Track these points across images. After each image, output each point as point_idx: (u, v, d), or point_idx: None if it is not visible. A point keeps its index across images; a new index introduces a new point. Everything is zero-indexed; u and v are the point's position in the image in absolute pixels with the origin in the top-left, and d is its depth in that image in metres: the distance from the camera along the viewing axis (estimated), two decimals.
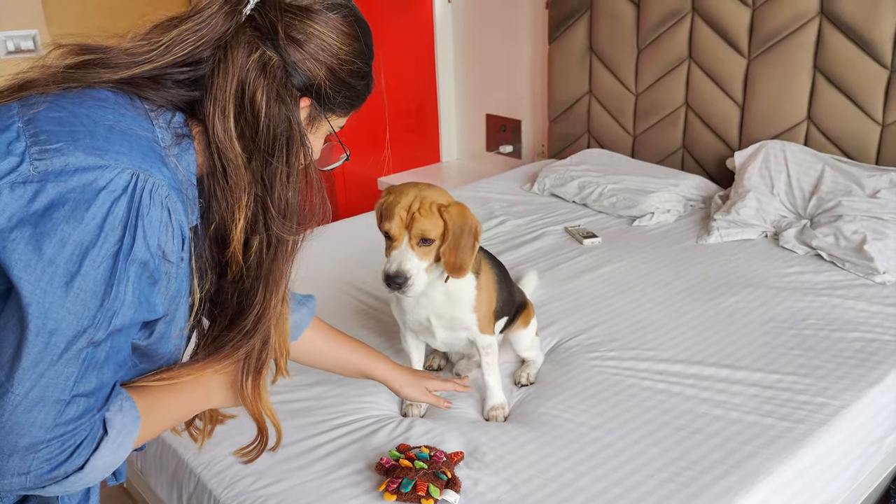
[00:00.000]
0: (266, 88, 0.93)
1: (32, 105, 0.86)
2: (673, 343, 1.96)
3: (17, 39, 3.24)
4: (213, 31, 0.93)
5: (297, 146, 0.96)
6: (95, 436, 0.87)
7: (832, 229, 2.41)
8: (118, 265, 0.82)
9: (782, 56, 2.78)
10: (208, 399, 1.10)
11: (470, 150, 4.29)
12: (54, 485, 0.86)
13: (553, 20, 3.49)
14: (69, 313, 0.80)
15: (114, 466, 0.91)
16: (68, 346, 0.81)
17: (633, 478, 1.47)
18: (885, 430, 1.79)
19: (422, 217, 1.53)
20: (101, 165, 0.81)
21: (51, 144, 0.81)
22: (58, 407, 0.82)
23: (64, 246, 0.79)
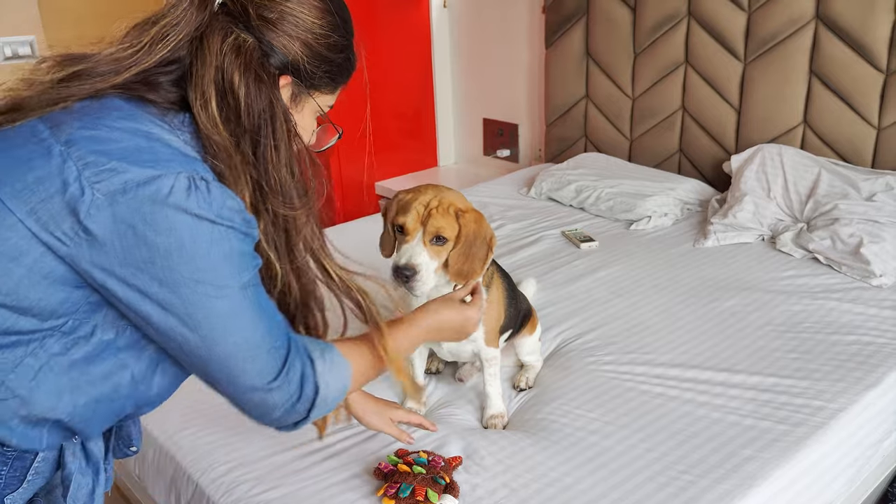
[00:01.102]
0: (243, 70, 0.94)
1: (61, 125, 0.88)
2: (670, 346, 1.96)
3: (14, 45, 3.24)
4: (190, 23, 0.95)
5: (281, 124, 0.98)
6: (306, 362, 0.99)
7: (829, 232, 2.41)
8: (218, 235, 0.88)
9: (778, 60, 2.79)
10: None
11: (467, 154, 4.30)
12: (310, 411, 1.00)
13: (550, 25, 3.50)
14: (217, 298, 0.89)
15: (339, 394, 1.03)
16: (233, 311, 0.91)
17: (631, 482, 1.47)
18: (882, 433, 1.79)
19: (438, 215, 1.54)
20: (158, 175, 0.85)
21: (103, 165, 0.84)
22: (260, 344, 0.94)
23: (170, 255, 0.86)
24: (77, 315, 0.90)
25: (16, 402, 0.89)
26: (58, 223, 0.84)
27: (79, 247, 0.85)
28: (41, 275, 0.86)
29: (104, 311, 0.91)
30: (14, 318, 0.87)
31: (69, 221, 0.84)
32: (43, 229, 0.85)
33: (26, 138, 0.88)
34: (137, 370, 0.97)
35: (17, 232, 0.85)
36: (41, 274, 0.86)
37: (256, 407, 0.98)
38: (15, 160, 0.87)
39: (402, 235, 1.55)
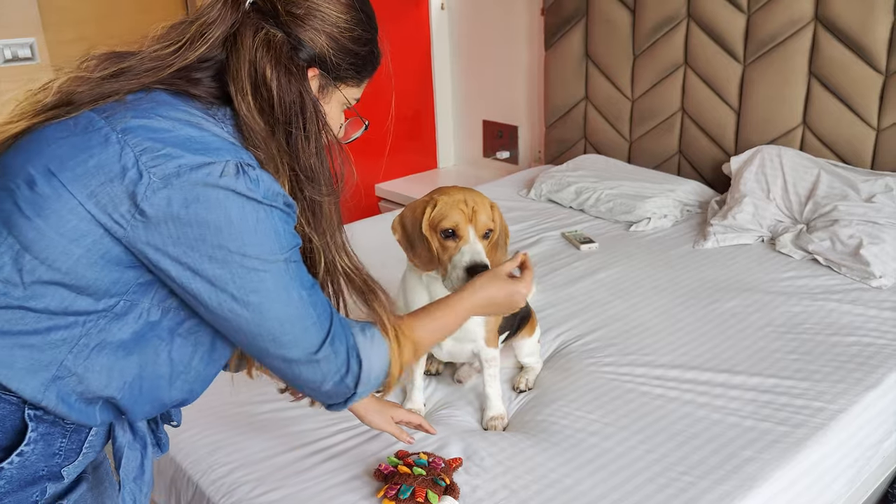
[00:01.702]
0: (274, 63, 1.00)
1: (115, 115, 0.94)
2: (670, 348, 1.96)
3: (14, 48, 3.24)
4: (225, 21, 1.01)
5: (311, 114, 1.03)
6: (349, 335, 1.05)
7: (828, 234, 2.42)
8: (265, 215, 0.94)
9: (777, 61, 2.79)
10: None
11: (467, 156, 4.30)
12: (357, 386, 1.05)
13: (549, 26, 3.50)
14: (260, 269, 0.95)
15: (381, 371, 1.08)
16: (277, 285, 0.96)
17: (631, 483, 1.47)
18: (882, 434, 1.79)
19: (482, 211, 1.57)
20: (209, 161, 0.91)
21: (158, 151, 0.90)
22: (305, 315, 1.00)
23: (220, 231, 0.91)
24: (128, 296, 0.95)
25: (73, 380, 0.94)
26: (116, 206, 0.89)
27: (135, 228, 0.90)
28: (98, 255, 0.91)
29: (153, 293, 0.97)
30: (72, 297, 0.92)
31: (127, 204, 0.89)
32: (102, 212, 0.90)
33: (84, 127, 0.93)
34: (176, 354, 1.02)
35: (78, 214, 0.90)
36: (98, 254, 0.91)
37: (307, 381, 1.04)
38: (75, 148, 0.91)
39: (454, 239, 1.55)
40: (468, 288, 1.29)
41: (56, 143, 0.92)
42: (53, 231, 0.90)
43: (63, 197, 0.90)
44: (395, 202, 3.94)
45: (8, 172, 0.93)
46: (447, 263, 1.55)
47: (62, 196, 0.90)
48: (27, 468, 0.94)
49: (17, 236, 0.90)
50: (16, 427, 0.94)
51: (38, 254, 0.90)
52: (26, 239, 0.90)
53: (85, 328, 0.93)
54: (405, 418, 1.51)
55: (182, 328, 1.01)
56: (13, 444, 0.94)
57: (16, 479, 0.94)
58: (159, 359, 1.00)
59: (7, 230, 0.91)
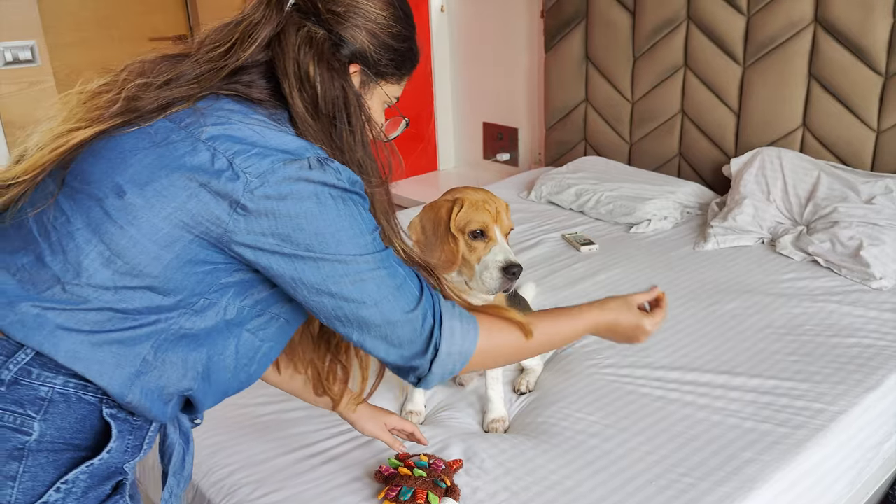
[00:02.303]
0: (317, 61, 1.03)
1: (193, 125, 0.97)
2: (670, 350, 1.96)
3: (14, 50, 3.24)
4: (270, 21, 1.05)
5: (354, 109, 1.06)
6: (436, 303, 1.06)
7: (828, 235, 2.42)
8: (353, 204, 1.00)
9: (777, 63, 2.79)
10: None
11: (467, 158, 4.30)
12: (435, 364, 1.05)
13: (549, 29, 3.50)
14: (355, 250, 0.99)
15: (454, 367, 1.08)
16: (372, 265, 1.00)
17: (632, 484, 1.47)
18: (882, 436, 1.79)
19: (505, 212, 1.61)
20: (295, 158, 0.96)
21: (248, 153, 0.94)
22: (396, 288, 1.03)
23: (315, 220, 0.96)
24: (208, 295, 0.99)
25: (155, 375, 0.98)
26: (213, 209, 0.93)
27: (236, 223, 0.94)
28: (187, 258, 0.95)
29: (231, 293, 1.00)
30: (159, 298, 0.96)
31: (225, 205, 0.93)
32: (197, 217, 0.93)
33: (165, 137, 0.96)
34: (243, 347, 1.05)
35: (171, 222, 0.93)
36: (188, 258, 0.95)
37: (400, 339, 1.04)
38: (163, 158, 0.95)
39: (483, 239, 1.58)
40: (597, 305, 1.25)
41: (142, 153, 0.95)
42: (147, 239, 0.93)
43: (156, 206, 0.93)
44: (396, 204, 3.93)
45: (91, 180, 0.96)
46: (475, 264, 1.58)
47: (154, 206, 0.93)
48: (107, 464, 0.98)
49: (107, 243, 0.93)
50: (94, 427, 0.98)
51: (129, 260, 0.93)
52: (118, 246, 0.93)
53: (167, 324, 0.97)
54: (398, 426, 1.51)
55: (251, 325, 1.05)
56: (95, 443, 0.98)
57: (97, 475, 0.98)
58: (227, 351, 1.03)
59: (98, 237, 0.93)
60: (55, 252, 0.94)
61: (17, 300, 0.93)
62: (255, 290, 1.03)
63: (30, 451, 0.94)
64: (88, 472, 0.97)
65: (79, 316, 0.93)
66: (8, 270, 0.94)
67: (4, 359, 0.92)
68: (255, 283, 1.02)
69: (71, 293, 0.93)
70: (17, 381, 0.92)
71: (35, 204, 0.98)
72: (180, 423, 1.15)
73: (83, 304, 0.93)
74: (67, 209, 0.95)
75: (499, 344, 1.14)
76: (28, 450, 0.93)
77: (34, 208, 0.97)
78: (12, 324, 0.92)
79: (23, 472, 0.93)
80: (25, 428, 0.93)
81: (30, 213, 0.97)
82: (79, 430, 0.97)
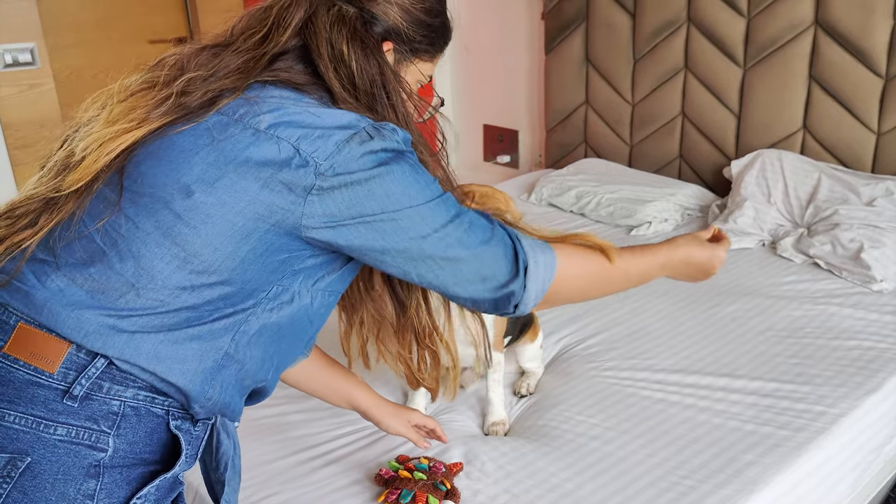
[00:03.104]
0: (350, 39, 1.02)
1: (248, 115, 0.96)
2: (671, 352, 1.96)
3: (14, 52, 3.25)
4: (301, 4, 1.04)
5: (392, 86, 1.05)
6: (507, 229, 1.06)
7: (829, 238, 2.42)
8: (412, 159, 1.00)
9: (778, 65, 2.79)
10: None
11: (467, 160, 4.30)
12: (529, 280, 1.04)
13: (549, 31, 3.50)
14: (427, 208, 0.99)
15: (545, 283, 1.06)
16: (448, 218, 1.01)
17: (632, 487, 1.47)
18: (883, 439, 1.79)
19: (512, 203, 1.63)
20: (354, 131, 0.96)
21: (311, 136, 0.94)
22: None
23: (385, 183, 0.96)
24: (281, 282, 0.99)
25: (235, 368, 0.99)
26: (285, 196, 0.93)
27: (311, 205, 0.94)
28: (262, 249, 0.95)
29: (303, 278, 1.01)
30: (235, 291, 0.96)
31: (298, 192, 0.93)
32: (270, 207, 0.94)
33: (222, 131, 0.96)
34: (314, 331, 1.08)
35: (245, 215, 0.93)
36: (262, 248, 0.95)
37: (486, 279, 1.03)
38: (225, 153, 0.94)
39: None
40: (666, 243, 1.23)
41: (204, 151, 0.95)
42: (221, 236, 0.93)
43: (228, 203, 0.93)
44: None
45: (155, 183, 0.95)
46: None
47: (227, 202, 0.93)
48: (172, 476, 0.99)
49: (181, 245, 0.93)
50: (161, 440, 0.98)
51: (205, 258, 0.93)
52: (192, 246, 0.93)
53: (244, 315, 0.97)
54: (421, 422, 1.50)
55: (316, 304, 1.05)
56: (161, 457, 0.99)
57: (164, 488, 0.98)
58: (302, 336, 1.06)
59: (170, 240, 0.93)
60: (124, 259, 0.93)
61: (89, 311, 0.91)
62: (325, 272, 1.03)
63: (105, 468, 0.93)
64: (158, 485, 0.97)
65: (156, 320, 0.93)
66: (76, 282, 0.93)
67: (76, 374, 0.91)
68: (325, 265, 1.03)
69: (147, 297, 0.92)
70: (89, 396, 0.92)
71: (95, 214, 0.96)
72: (229, 429, 1.14)
73: (160, 308, 0.93)
74: (133, 215, 0.94)
75: (580, 263, 1.12)
76: (104, 466, 0.93)
77: (97, 219, 0.95)
78: (88, 334, 0.91)
79: (100, 490, 0.93)
80: (101, 444, 0.92)
81: (93, 226, 0.95)
82: (148, 443, 0.96)
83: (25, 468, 0.89)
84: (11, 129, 3.29)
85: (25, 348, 0.91)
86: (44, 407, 0.91)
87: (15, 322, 0.92)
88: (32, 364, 0.91)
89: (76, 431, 0.91)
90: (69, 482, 0.91)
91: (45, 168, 1.02)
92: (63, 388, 0.91)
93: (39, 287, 0.93)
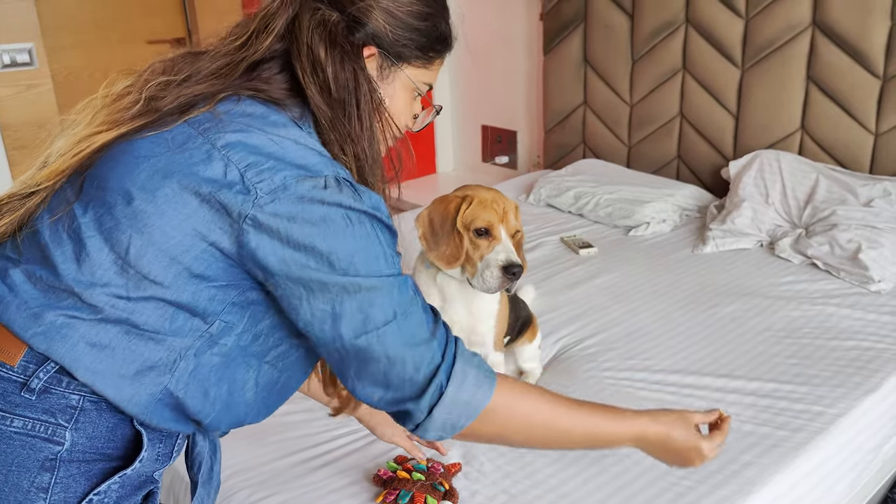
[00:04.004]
0: (329, 44, 0.98)
1: (211, 130, 0.93)
2: (669, 353, 1.96)
3: (12, 53, 3.24)
4: (286, 11, 1.01)
5: (365, 95, 1.01)
6: (449, 345, 0.97)
7: (827, 238, 2.42)
8: (371, 228, 0.94)
9: (776, 66, 2.80)
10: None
11: (466, 161, 4.30)
12: (437, 408, 0.95)
13: (548, 32, 3.51)
14: (368, 272, 0.92)
15: (461, 418, 0.97)
16: (383, 286, 0.93)
17: (631, 488, 1.47)
18: (881, 439, 1.79)
19: (512, 213, 1.61)
20: (311, 175, 0.91)
21: (262, 165, 0.90)
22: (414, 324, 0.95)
23: (327, 238, 0.90)
24: (223, 316, 0.95)
25: (172, 403, 0.95)
26: (223, 220, 0.90)
27: (245, 237, 0.89)
28: (200, 269, 0.91)
29: (247, 316, 0.96)
30: (171, 312, 0.92)
31: (234, 217, 0.89)
32: (208, 226, 0.90)
33: (181, 143, 0.93)
34: (263, 379, 1.02)
35: (182, 230, 0.90)
36: (200, 269, 0.91)
37: (390, 386, 0.95)
38: (175, 164, 0.91)
39: (487, 238, 1.58)
40: (648, 413, 1.12)
41: (155, 159, 0.92)
42: (157, 247, 0.90)
43: (167, 213, 0.90)
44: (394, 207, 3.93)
45: (106, 186, 0.93)
46: (477, 262, 1.58)
47: (166, 213, 0.90)
48: (139, 473, 0.98)
49: (118, 252, 0.90)
50: (125, 435, 0.97)
51: (141, 268, 0.90)
52: (129, 255, 0.90)
53: (183, 350, 0.93)
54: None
55: (270, 356, 1.01)
56: (126, 452, 0.97)
57: (129, 485, 0.97)
58: (247, 385, 1.00)
59: (109, 245, 0.91)
60: (68, 260, 0.91)
61: (42, 310, 0.90)
62: (271, 314, 0.98)
63: (62, 462, 0.92)
64: (120, 481, 0.95)
65: (98, 328, 0.91)
66: (30, 280, 0.92)
67: (35, 367, 0.91)
68: (271, 307, 0.97)
69: (87, 302, 0.90)
70: (47, 389, 0.91)
71: (52, 211, 0.95)
72: (208, 436, 1.13)
73: (99, 314, 0.90)
74: (80, 216, 0.92)
75: (522, 408, 1.01)
76: (60, 460, 0.92)
77: (51, 216, 0.94)
78: (36, 335, 0.90)
79: (55, 484, 0.92)
80: (57, 437, 0.92)
81: (47, 221, 0.94)
82: (110, 439, 0.95)
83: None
84: (9, 129, 3.29)
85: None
86: (2, 399, 0.90)
87: None
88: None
89: (32, 424, 0.91)
90: (23, 474, 0.91)
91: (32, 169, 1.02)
92: (22, 381, 0.91)
93: (1, 283, 0.93)
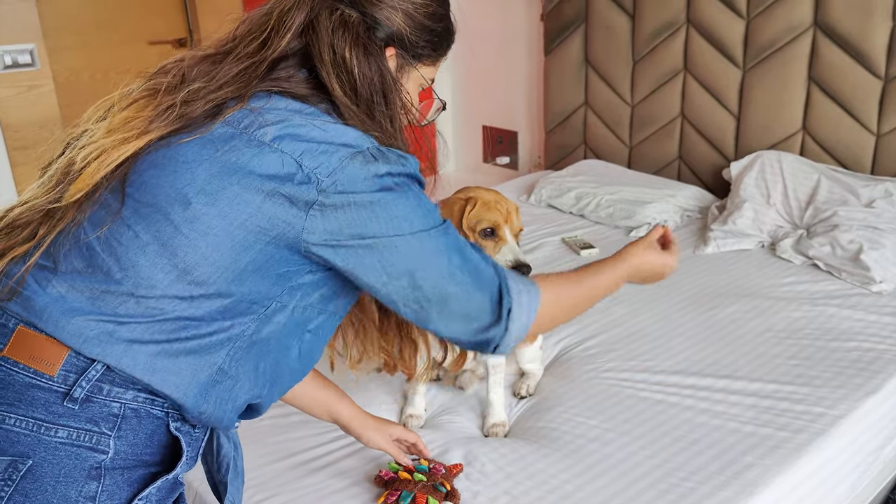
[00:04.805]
0: (352, 44, 1.01)
1: (252, 126, 0.95)
2: (670, 353, 1.96)
3: (14, 54, 3.25)
4: (302, 8, 1.03)
5: (392, 93, 1.05)
6: (498, 267, 1.06)
7: (828, 239, 2.42)
8: (416, 187, 1.01)
9: (777, 67, 2.80)
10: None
11: (467, 162, 4.30)
12: (511, 322, 1.03)
13: (549, 32, 3.51)
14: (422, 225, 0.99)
15: (527, 324, 1.05)
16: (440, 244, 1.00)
17: (632, 489, 1.47)
18: (883, 440, 1.79)
19: (515, 214, 1.62)
20: (358, 151, 0.95)
21: (315, 151, 0.93)
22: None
23: (388, 205, 0.96)
24: (280, 297, 0.98)
25: (229, 383, 0.98)
26: (286, 212, 0.93)
27: (313, 223, 0.93)
28: (261, 263, 0.95)
29: (300, 294, 1.00)
30: (232, 304, 0.95)
31: (299, 207, 0.93)
32: (271, 220, 0.93)
33: (225, 143, 0.95)
34: (305, 347, 1.06)
35: (245, 228, 0.93)
36: (261, 262, 0.95)
37: (471, 318, 1.03)
38: (229, 165, 0.93)
39: (493, 239, 1.59)
40: (621, 255, 1.23)
41: (207, 163, 0.94)
42: (219, 248, 0.92)
43: (229, 215, 0.92)
44: None
45: (158, 193, 0.94)
46: None
47: (228, 215, 0.92)
48: (176, 476, 0.99)
49: (181, 257, 0.92)
50: (162, 441, 0.98)
51: (203, 270, 0.93)
52: (190, 258, 0.92)
53: (239, 329, 0.96)
54: (402, 436, 1.49)
55: (313, 324, 1.04)
56: (162, 458, 0.99)
57: (164, 489, 0.99)
58: (291, 354, 1.04)
59: (169, 251, 0.92)
60: (124, 268, 0.92)
61: (89, 317, 0.91)
62: (321, 288, 1.02)
63: (106, 470, 0.93)
64: (160, 486, 0.97)
65: (154, 327, 0.92)
66: (76, 288, 0.93)
67: (76, 376, 0.91)
68: (323, 282, 1.01)
69: (146, 306, 0.92)
70: (89, 398, 0.92)
71: (96, 222, 0.95)
72: (229, 432, 1.15)
73: (159, 316, 0.92)
74: (133, 224, 0.94)
75: (558, 293, 1.12)
76: (105, 468, 0.93)
77: (98, 227, 0.95)
78: (87, 341, 0.91)
79: (101, 492, 0.93)
80: (101, 446, 0.93)
81: (93, 234, 0.95)
82: (148, 445, 0.97)
83: (27, 471, 0.90)
84: (11, 130, 3.30)
85: (25, 351, 0.91)
86: (44, 409, 0.91)
87: (14, 325, 0.93)
88: (32, 367, 0.91)
89: (77, 433, 0.91)
90: (70, 484, 0.91)
91: (46, 175, 1.02)
92: (63, 391, 0.91)
93: (40, 292, 0.93)
